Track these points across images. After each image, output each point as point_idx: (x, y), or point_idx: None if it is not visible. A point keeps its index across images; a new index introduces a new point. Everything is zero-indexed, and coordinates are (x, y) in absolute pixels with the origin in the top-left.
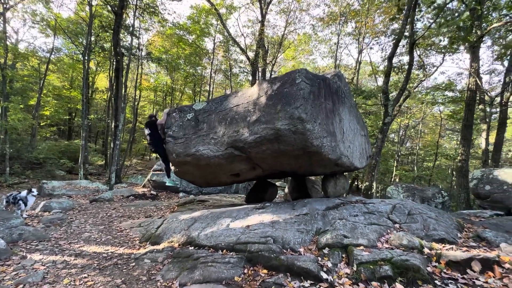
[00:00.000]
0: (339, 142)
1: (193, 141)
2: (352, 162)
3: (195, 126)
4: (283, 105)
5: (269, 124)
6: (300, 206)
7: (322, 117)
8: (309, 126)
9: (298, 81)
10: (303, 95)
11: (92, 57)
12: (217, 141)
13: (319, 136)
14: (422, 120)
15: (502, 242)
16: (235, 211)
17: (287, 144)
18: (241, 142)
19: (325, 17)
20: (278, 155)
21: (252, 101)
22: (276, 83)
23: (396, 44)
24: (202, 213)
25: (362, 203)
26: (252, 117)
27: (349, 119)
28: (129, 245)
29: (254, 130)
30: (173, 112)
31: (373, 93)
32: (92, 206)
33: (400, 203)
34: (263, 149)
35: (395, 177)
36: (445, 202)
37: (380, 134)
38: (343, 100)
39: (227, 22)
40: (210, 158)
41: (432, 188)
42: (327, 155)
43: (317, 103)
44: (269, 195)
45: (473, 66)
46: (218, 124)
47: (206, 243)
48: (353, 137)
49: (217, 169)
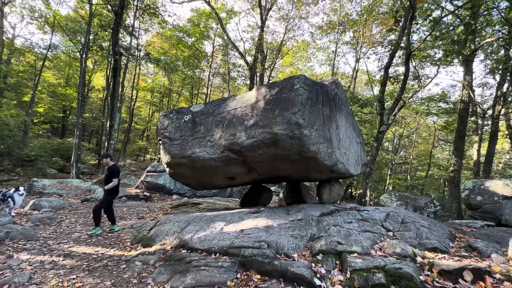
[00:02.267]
0: (335, 148)
1: (189, 143)
2: (347, 169)
3: (192, 128)
4: (281, 110)
5: (266, 128)
6: (295, 212)
7: (319, 123)
8: (306, 131)
9: (297, 87)
10: (301, 100)
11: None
12: (213, 144)
13: (316, 142)
14: (416, 130)
15: (493, 252)
16: (229, 215)
17: (283, 148)
18: (238, 145)
19: (324, 26)
20: (275, 160)
21: (250, 105)
22: (274, 88)
23: (393, 54)
24: (195, 216)
25: (357, 210)
26: (250, 121)
27: (346, 126)
28: (120, 246)
29: (251, 134)
30: (170, 113)
31: (369, 101)
32: (83, 206)
33: (394, 211)
34: (259, 153)
35: (389, 186)
36: (437, 212)
37: (375, 143)
38: (340, 107)
39: (227, 27)
40: (206, 160)
41: (425, 198)
42: (323, 161)
43: (315, 109)
44: (263, 200)
45: (466, 78)
46: (215, 126)
47: (199, 246)
48: (349, 144)
49: (213, 172)
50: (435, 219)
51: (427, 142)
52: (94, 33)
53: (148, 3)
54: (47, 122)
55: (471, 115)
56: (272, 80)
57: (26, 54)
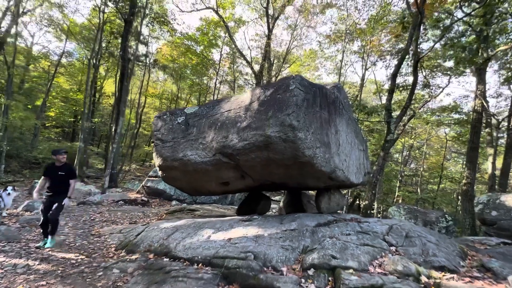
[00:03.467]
0: (333, 154)
1: (181, 145)
2: (347, 177)
3: (185, 130)
4: (274, 111)
5: (259, 130)
6: (289, 221)
7: (315, 126)
8: (300, 134)
9: (292, 87)
10: (296, 102)
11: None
12: (205, 147)
13: (312, 146)
14: (427, 141)
15: (510, 274)
16: (219, 222)
17: (277, 152)
18: (229, 148)
19: (332, 35)
20: (268, 164)
21: (244, 107)
22: (269, 89)
23: (401, 61)
24: (185, 222)
25: (357, 221)
26: (243, 123)
27: (347, 131)
28: (103, 252)
29: (244, 136)
30: (164, 115)
31: (376, 109)
32: (78, 208)
33: (397, 224)
34: (252, 156)
35: (398, 198)
36: (449, 227)
37: (381, 152)
38: (340, 112)
39: (235, 36)
40: (197, 164)
41: (436, 212)
42: (320, 167)
43: (311, 111)
44: (261, 208)
45: (479, 88)
46: (208, 128)
47: (182, 255)
48: (350, 150)
49: (205, 176)
50: (447, 234)
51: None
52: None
53: (158, 12)
54: (58, 126)
55: (485, 127)
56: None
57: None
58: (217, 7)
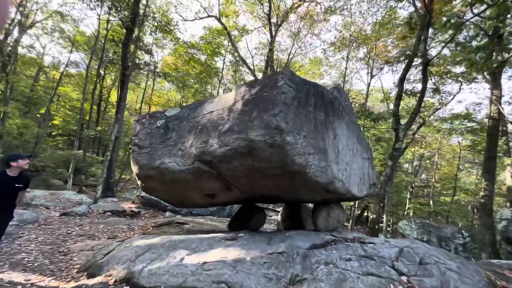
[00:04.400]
0: (331, 162)
1: (158, 152)
2: (348, 189)
3: (164, 135)
4: (259, 111)
5: (241, 134)
6: (278, 241)
7: (308, 129)
8: (289, 138)
9: (280, 84)
10: (284, 100)
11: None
12: (184, 153)
13: (303, 152)
14: (439, 150)
15: None
16: (197, 241)
17: (262, 160)
18: (209, 154)
19: (337, 42)
20: (253, 174)
21: (227, 107)
22: (255, 86)
23: (408, 64)
24: (160, 240)
25: (360, 243)
26: (225, 125)
27: (347, 136)
28: (62, 274)
29: (225, 141)
30: (143, 118)
31: (383, 115)
32: (59, 220)
33: (409, 247)
34: (234, 165)
35: (409, 211)
36: (466, 244)
37: (389, 161)
38: (340, 114)
39: (239, 44)
40: (175, 172)
41: (451, 227)
42: (314, 178)
43: (303, 112)
44: (254, 223)
45: (494, 93)
46: (188, 133)
47: (144, 283)
48: (352, 158)
49: (185, 187)
50: (464, 252)
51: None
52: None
53: (161, 20)
54: (64, 135)
55: (501, 135)
56: None
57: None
58: (220, 15)
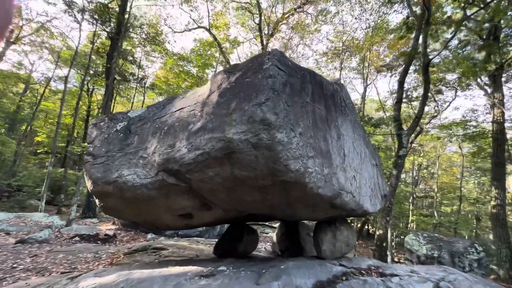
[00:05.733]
0: (336, 168)
1: (116, 161)
2: (359, 203)
3: (123, 140)
4: (239, 101)
5: (216, 132)
6: (270, 278)
7: (306, 125)
8: (280, 136)
9: (267, 66)
10: (272, 85)
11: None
12: (146, 162)
13: (300, 154)
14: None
15: None
16: (159, 281)
17: (244, 166)
18: (175, 162)
19: (329, 52)
20: (235, 187)
21: (201, 102)
22: (235, 72)
23: (407, 66)
24: (114, 279)
25: (379, 275)
26: (197, 124)
27: (353, 137)
28: None
29: (196, 143)
30: (101, 121)
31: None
32: (11, 249)
33: (445, 279)
34: (209, 175)
35: (411, 223)
36: (481, 260)
37: (394, 170)
38: (343, 110)
39: (230, 56)
40: (136, 188)
41: (463, 241)
42: (316, 189)
43: (298, 102)
44: (244, 246)
45: (496, 96)
46: (152, 136)
47: None
48: (360, 164)
49: (151, 205)
50: (479, 269)
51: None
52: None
53: (148, 32)
54: (50, 152)
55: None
56: None
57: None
58: (210, 26)
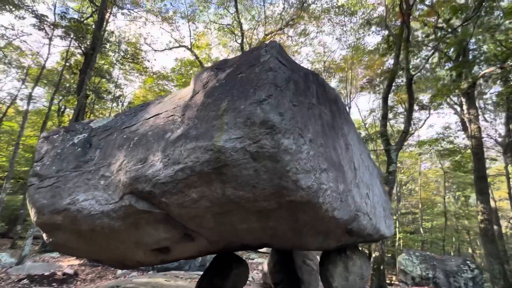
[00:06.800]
0: (351, 184)
1: (69, 183)
2: (376, 226)
3: (81, 156)
4: (232, 100)
5: (201, 140)
6: None
7: (315, 130)
8: (287, 141)
9: (265, 59)
10: (273, 80)
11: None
12: (109, 183)
13: (312, 167)
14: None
15: None
16: None
17: (240, 184)
18: (147, 181)
19: None
20: (226, 212)
21: (182, 105)
22: (225, 69)
23: (390, 82)
24: None
25: None
26: (176, 131)
27: (360, 149)
28: None
29: (174, 155)
30: (55, 134)
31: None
32: None
33: None
34: (192, 197)
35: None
36: (476, 278)
37: (386, 186)
38: (347, 117)
39: None
40: (94, 217)
41: (455, 258)
42: (331, 212)
43: (304, 102)
44: (232, 282)
45: (471, 113)
46: (118, 149)
47: None
48: (370, 179)
49: (115, 240)
50: None
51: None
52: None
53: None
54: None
55: None
56: None
57: None
58: (191, 46)
